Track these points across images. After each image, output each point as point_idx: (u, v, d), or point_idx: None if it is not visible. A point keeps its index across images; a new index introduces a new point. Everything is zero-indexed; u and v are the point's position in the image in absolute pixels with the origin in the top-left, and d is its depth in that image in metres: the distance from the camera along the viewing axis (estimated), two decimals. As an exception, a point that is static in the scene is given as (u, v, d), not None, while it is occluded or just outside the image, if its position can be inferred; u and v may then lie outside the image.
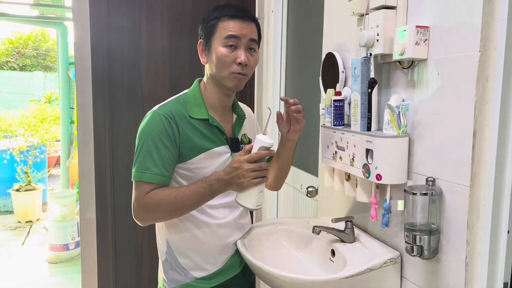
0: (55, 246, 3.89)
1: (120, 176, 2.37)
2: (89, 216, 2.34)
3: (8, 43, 10.83)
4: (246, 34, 1.25)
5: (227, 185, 1.20)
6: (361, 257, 1.21)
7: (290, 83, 2.29)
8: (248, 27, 1.26)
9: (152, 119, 1.25)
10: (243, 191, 1.19)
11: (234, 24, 1.24)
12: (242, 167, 1.16)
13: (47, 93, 8.65)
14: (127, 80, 2.38)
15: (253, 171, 1.16)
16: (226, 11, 1.25)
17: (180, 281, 1.31)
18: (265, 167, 1.18)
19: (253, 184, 1.17)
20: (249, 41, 1.26)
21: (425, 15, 1.08)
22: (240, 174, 1.16)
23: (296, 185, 2.14)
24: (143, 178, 1.22)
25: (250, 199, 1.20)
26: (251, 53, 1.27)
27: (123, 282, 2.47)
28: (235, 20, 1.24)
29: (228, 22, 1.24)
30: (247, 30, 1.25)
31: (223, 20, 1.25)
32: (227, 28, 1.24)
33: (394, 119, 1.12)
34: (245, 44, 1.25)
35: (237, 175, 1.17)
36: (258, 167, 1.17)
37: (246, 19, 1.26)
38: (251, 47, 1.27)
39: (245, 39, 1.25)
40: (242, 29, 1.24)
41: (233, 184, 1.18)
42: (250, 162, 1.17)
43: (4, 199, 5.49)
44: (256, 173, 1.17)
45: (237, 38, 1.24)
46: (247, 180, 1.16)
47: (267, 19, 2.37)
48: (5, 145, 5.34)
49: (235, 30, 1.24)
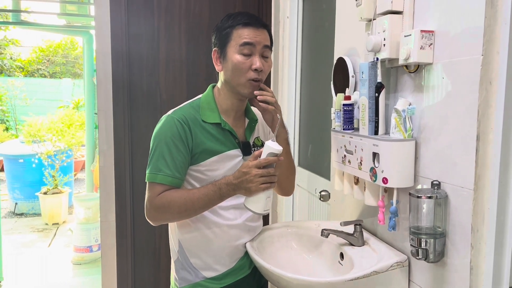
0: (79, 247, 4.00)
1: (139, 180, 2.44)
2: (109, 218, 2.41)
3: (39, 51, 11.24)
4: (260, 41, 1.28)
5: (236, 189, 1.23)
6: (369, 260, 1.22)
7: (304, 88, 2.30)
8: (262, 34, 1.29)
9: (166, 123, 1.29)
10: (251, 195, 1.22)
11: (248, 31, 1.28)
12: (251, 172, 1.19)
13: (75, 99, 8.92)
14: (146, 86, 2.45)
15: (261, 176, 1.19)
16: (240, 20, 1.29)
17: (190, 281, 1.34)
18: (273, 173, 1.21)
19: (260, 189, 1.20)
20: (263, 47, 1.29)
21: (431, 19, 1.09)
22: (248, 179, 1.19)
23: (310, 189, 2.15)
24: (156, 179, 1.26)
25: (257, 204, 1.23)
26: (265, 59, 1.31)
27: (141, 283, 2.53)
28: (248, 27, 1.28)
29: (242, 30, 1.28)
30: (261, 37, 1.29)
31: (237, 28, 1.28)
32: (242, 36, 1.27)
33: (400, 123, 1.13)
34: (259, 50, 1.28)
35: (246, 179, 1.20)
36: (266, 172, 1.20)
37: (259, 26, 1.29)
38: (265, 54, 1.31)
39: (259, 46, 1.28)
40: (256, 36, 1.28)
41: (241, 188, 1.22)
42: (259, 168, 1.20)
43: (32, 202, 5.68)
44: (264, 178, 1.20)
45: (252, 45, 1.27)
46: (255, 185, 1.19)
47: (282, 25, 2.40)
48: (34, 149, 5.52)
49: (249, 38, 1.27)
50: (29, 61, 11.18)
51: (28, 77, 10.84)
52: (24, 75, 10.93)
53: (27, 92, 9.60)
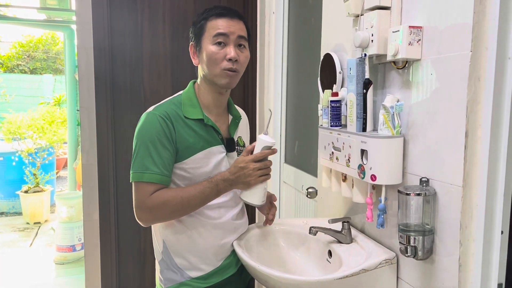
0: (62, 247, 3.92)
1: (123, 177, 2.39)
2: (93, 217, 2.37)
3: (19, 46, 10.97)
4: (234, 31, 1.27)
5: (233, 185, 1.25)
6: (357, 257, 1.21)
7: (291, 84, 2.29)
8: (236, 25, 1.28)
9: (148, 120, 1.26)
10: (249, 189, 1.26)
11: (222, 22, 1.27)
12: (248, 167, 1.23)
13: (56, 95, 8.74)
14: (129, 82, 2.40)
15: (259, 169, 1.23)
16: (214, 11, 1.29)
17: (176, 280, 1.32)
18: (269, 165, 1.26)
19: (259, 181, 1.25)
20: (238, 37, 1.28)
21: (419, 15, 1.08)
22: (246, 173, 1.23)
23: (297, 186, 2.14)
24: (142, 178, 1.23)
25: (255, 196, 1.28)
26: (241, 50, 1.29)
27: (126, 283, 2.49)
28: (222, 18, 1.27)
29: (216, 21, 1.27)
30: (235, 27, 1.28)
31: (210, 20, 1.28)
32: (215, 26, 1.26)
33: (388, 119, 1.12)
34: (234, 40, 1.27)
35: (244, 174, 1.23)
36: (263, 165, 1.24)
37: (233, 17, 1.29)
38: (241, 44, 1.29)
39: (233, 35, 1.27)
40: (230, 27, 1.27)
41: (239, 183, 1.25)
42: (255, 162, 1.23)
43: (13, 200, 5.56)
44: (262, 171, 1.24)
45: (226, 35, 1.26)
46: (253, 179, 1.23)
47: (268, 21, 2.38)
48: (14, 147, 5.40)
49: (223, 28, 1.26)
50: (9, 57, 10.90)
51: (7, 73, 10.58)
52: (4, 71, 10.67)
53: (6, 88, 9.38)
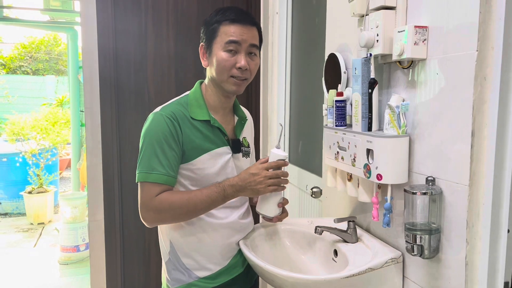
0: (66, 247, 3.94)
1: (128, 178, 2.40)
2: (97, 217, 2.37)
3: (21, 47, 11.00)
4: (247, 39, 1.26)
5: (241, 191, 1.26)
6: (363, 257, 1.21)
7: (295, 84, 2.29)
8: (249, 32, 1.27)
9: (155, 120, 1.27)
10: (257, 196, 1.28)
11: (235, 29, 1.25)
12: (260, 174, 1.24)
13: (59, 96, 8.76)
14: (133, 83, 2.41)
15: (270, 178, 1.24)
16: (227, 15, 1.26)
17: (183, 281, 1.32)
18: (282, 175, 1.26)
19: (268, 190, 1.25)
20: (249, 46, 1.27)
21: (424, 15, 1.08)
22: (257, 180, 1.23)
23: (301, 186, 2.15)
24: (148, 178, 1.23)
25: (269, 208, 1.31)
26: (251, 58, 1.29)
27: (131, 283, 2.50)
28: (236, 24, 1.26)
29: (229, 27, 1.26)
30: (248, 35, 1.27)
31: (224, 25, 1.26)
32: (228, 33, 1.25)
33: (394, 119, 1.13)
34: (245, 49, 1.26)
35: (254, 181, 1.23)
36: (275, 175, 1.25)
37: (247, 23, 1.27)
38: (252, 52, 1.29)
39: (245, 44, 1.26)
40: (242, 34, 1.25)
41: (247, 189, 1.25)
42: (267, 170, 1.24)
43: (17, 201, 5.58)
44: (273, 180, 1.24)
45: (238, 43, 1.25)
46: (263, 187, 1.24)
47: (271, 21, 2.39)
48: (18, 148, 5.42)
49: (235, 35, 1.25)
50: (11, 58, 10.94)
51: (10, 74, 10.61)
52: (6, 72, 10.70)
53: (9, 89, 9.40)
